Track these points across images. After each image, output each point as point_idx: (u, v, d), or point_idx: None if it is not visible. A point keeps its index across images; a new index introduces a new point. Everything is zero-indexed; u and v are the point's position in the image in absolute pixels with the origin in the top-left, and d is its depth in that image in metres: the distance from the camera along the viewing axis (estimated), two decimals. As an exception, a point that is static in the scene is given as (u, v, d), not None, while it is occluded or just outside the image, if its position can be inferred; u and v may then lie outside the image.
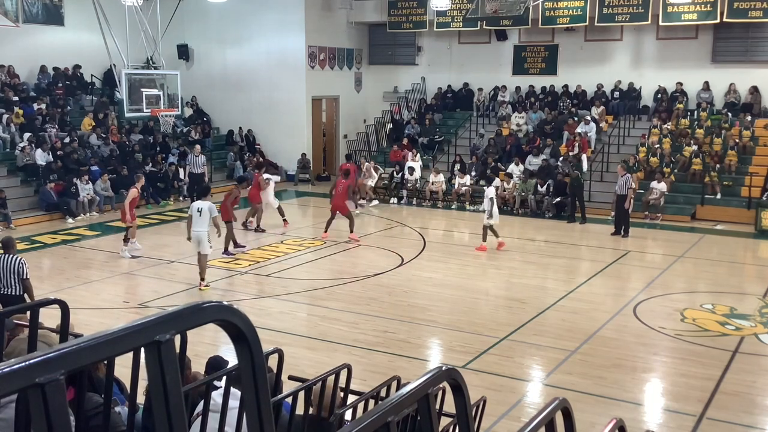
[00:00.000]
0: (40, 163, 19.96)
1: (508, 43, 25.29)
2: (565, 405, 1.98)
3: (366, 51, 27.84)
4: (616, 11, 21.87)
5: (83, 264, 14.66)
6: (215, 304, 1.34)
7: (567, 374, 9.07)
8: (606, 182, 20.53)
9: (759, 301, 12.36)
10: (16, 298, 8.61)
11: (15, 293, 8.69)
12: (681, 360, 9.74)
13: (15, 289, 8.71)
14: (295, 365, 7.71)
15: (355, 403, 4.61)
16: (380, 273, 13.87)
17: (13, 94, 21.68)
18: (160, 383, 1.25)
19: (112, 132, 22.66)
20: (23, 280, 8.75)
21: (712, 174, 19.72)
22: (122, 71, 17.36)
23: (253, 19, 25.29)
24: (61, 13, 23.38)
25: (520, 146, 22.68)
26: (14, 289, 8.71)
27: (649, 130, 22.05)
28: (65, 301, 2.74)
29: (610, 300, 12.33)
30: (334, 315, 11.38)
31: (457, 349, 9.99)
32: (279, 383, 4.13)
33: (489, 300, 12.53)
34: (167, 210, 20.71)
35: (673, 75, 22.93)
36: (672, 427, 7.89)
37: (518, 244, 16.76)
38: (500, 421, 7.54)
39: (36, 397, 1.09)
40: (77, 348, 1.15)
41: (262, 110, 25.87)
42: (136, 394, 2.45)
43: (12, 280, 8.70)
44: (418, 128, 25.06)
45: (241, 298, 12.23)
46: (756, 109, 21.75)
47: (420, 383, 1.58)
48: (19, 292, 8.72)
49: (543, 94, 24.81)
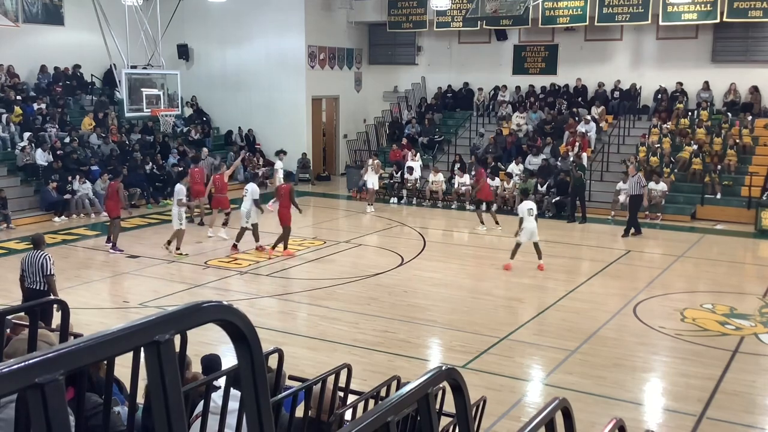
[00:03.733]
0: (40, 163, 19.97)
1: (508, 42, 25.29)
2: (565, 405, 1.98)
3: (366, 51, 27.85)
4: (616, 11, 21.87)
5: (83, 264, 14.66)
6: (215, 304, 1.34)
7: (567, 374, 9.07)
8: (606, 182, 20.54)
9: (759, 300, 12.36)
10: (39, 293, 8.80)
11: (40, 288, 8.93)
12: (681, 360, 9.74)
13: (40, 284, 8.97)
14: (295, 365, 7.71)
15: (355, 403, 4.60)
16: (380, 273, 13.87)
17: (14, 94, 21.69)
18: (159, 383, 1.25)
19: (112, 132, 22.67)
20: (47, 276, 8.97)
21: (712, 174, 19.73)
22: (122, 71, 17.37)
23: (253, 19, 25.29)
24: (61, 12, 23.38)
25: (520, 146, 22.69)
26: (39, 285, 8.97)
27: (649, 129, 22.05)
28: (65, 301, 2.74)
29: (610, 300, 12.33)
30: (334, 315, 11.38)
31: (457, 349, 9.99)
32: (279, 383, 4.13)
33: (489, 300, 12.52)
34: (167, 210, 20.68)
35: (673, 75, 22.94)
36: (672, 427, 7.89)
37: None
38: (500, 421, 7.54)
39: (36, 397, 1.09)
40: (77, 348, 1.15)
41: (262, 110, 25.87)
42: (136, 394, 2.45)
43: (38, 276, 8.97)
44: (418, 128, 25.06)
45: (241, 298, 12.23)
46: (756, 108, 21.75)
47: (420, 383, 1.57)
48: (43, 287, 8.95)
49: (543, 93, 24.82)
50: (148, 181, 21.37)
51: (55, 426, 1.10)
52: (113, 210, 15.52)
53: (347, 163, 26.10)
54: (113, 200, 15.57)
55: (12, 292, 11.50)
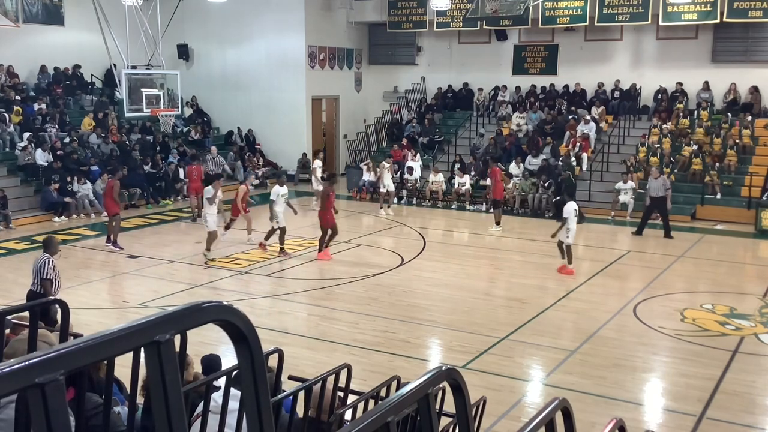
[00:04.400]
0: (40, 163, 19.97)
1: (508, 43, 25.29)
2: (565, 405, 1.98)
3: (366, 51, 27.85)
4: (616, 11, 21.87)
5: (83, 264, 14.66)
6: (215, 304, 1.34)
7: (567, 374, 9.07)
8: (606, 182, 20.53)
9: (759, 301, 12.36)
10: (37, 294, 8.90)
11: (37, 290, 9.06)
12: (681, 360, 9.74)
13: (37, 286, 9.10)
14: (295, 365, 7.71)
15: (355, 403, 4.60)
16: (380, 273, 13.87)
17: (14, 94, 21.69)
18: (159, 383, 1.25)
19: (112, 132, 22.67)
20: (42, 279, 9.05)
21: (712, 174, 19.72)
22: (122, 71, 17.37)
23: (253, 19, 25.30)
24: (61, 13, 23.38)
25: (520, 146, 22.69)
26: (37, 286, 9.10)
27: (649, 130, 22.05)
28: (65, 301, 2.74)
29: (610, 300, 12.33)
30: (334, 315, 11.39)
31: (457, 349, 9.99)
32: (279, 383, 4.13)
33: (489, 300, 12.52)
34: (167, 210, 20.71)
35: (673, 75, 22.94)
36: (672, 427, 7.89)
37: (518, 244, 16.76)
38: (500, 421, 7.54)
39: (36, 397, 1.09)
40: (77, 348, 1.15)
41: (262, 110, 25.88)
42: (135, 394, 2.45)
43: (36, 278, 9.12)
44: (418, 128, 25.06)
45: (241, 298, 12.23)
46: (756, 108, 21.75)
47: (420, 383, 1.58)
48: (39, 289, 9.06)
49: (543, 94, 24.82)
50: (148, 181, 21.36)
51: (55, 426, 1.10)
52: (111, 207, 15.68)
53: (347, 163, 26.10)
54: (110, 197, 15.73)
55: (12, 292, 11.51)
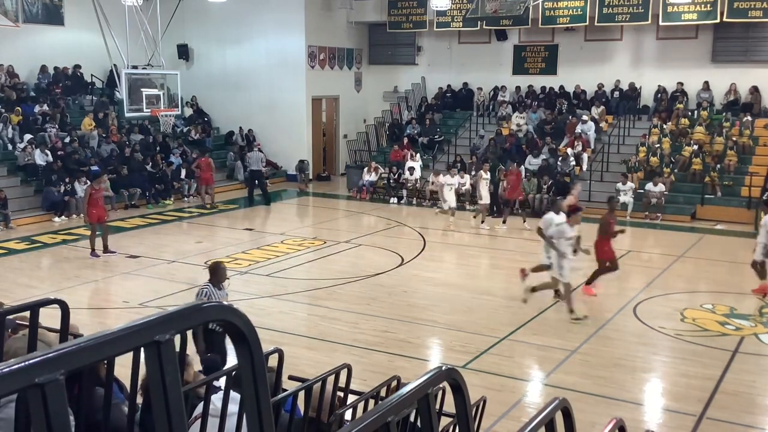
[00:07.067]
0: (40, 163, 19.97)
1: (508, 43, 25.29)
2: (565, 405, 1.98)
3: (366, 51, 27.84)
4: (616, 11, 21.87)
5: (83, 264, 14.65)
6: (215, 304, 1.35)
7: (567, 374, 9.07)
8: (606, 182, 20.52)
9: (759, 301, 12.36)
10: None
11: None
12: (681, 360, 9.74)
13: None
14: (295, 365, 7.70)
15: (355, 403, 4.60)
16: (380, 273, 13.87)
17: (14, 94, 21.68)
18: (159, 383, 1.25)
19: (112, 132, 22.67)
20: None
21: (712, 174, 19.72)
22: (122, 71, 17.37)
23: (253, 19, 25.29)
24: (61, 13, 23.38)
25: (520, 146, 22.68)
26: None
27: (649, 130, 22.05)
28: (65, 301, 2.74)
29: (610, 300, 12.33)
30: (334, 315, 11.38)
31: (457, 349, 9.99)
32: (279, 383, 4.13)
33: (489, 300, 12.51)
34: (167, 210, 20.71)
35: (673, 75, 22.93)
36: (672, 427, 7.89)
37: (518, 244, 16.75)
38: (500, 421, 7.54)
39: (36, 397, 1.09)
40: (77, 348, 1.15)
41: (262, 110, 25.87)
42: (136, 394, 2.45)
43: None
44: (418, 128, 25.06)
45: (241, 298, 12.23)
46: (756, 109, 21.75)
47: (420, 383, 1.58)
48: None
49: (543, 93, 24.81)
50: (148, 181, 21.36)
51: (55, 426, 1.10)
52: (92, 215, 14.54)
53: (347, 163, 26.09)
54: (91, 204, 14.47)
55: (12, 292, 11.50)
